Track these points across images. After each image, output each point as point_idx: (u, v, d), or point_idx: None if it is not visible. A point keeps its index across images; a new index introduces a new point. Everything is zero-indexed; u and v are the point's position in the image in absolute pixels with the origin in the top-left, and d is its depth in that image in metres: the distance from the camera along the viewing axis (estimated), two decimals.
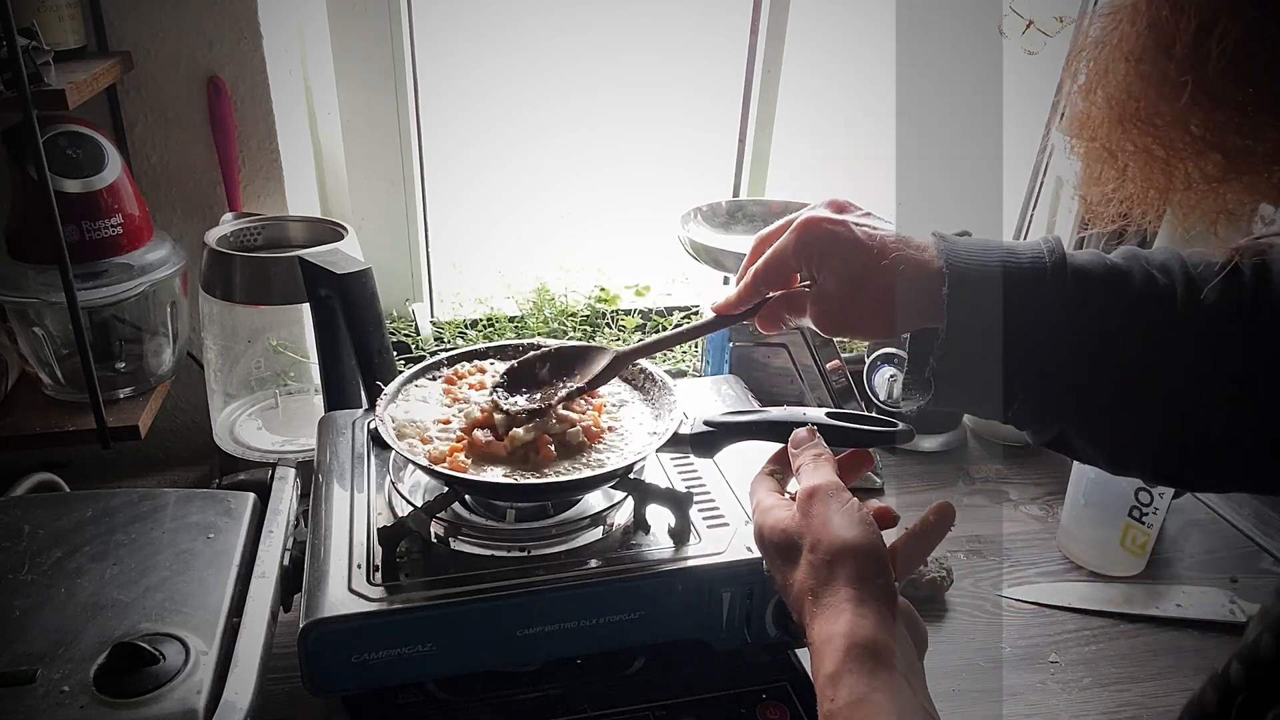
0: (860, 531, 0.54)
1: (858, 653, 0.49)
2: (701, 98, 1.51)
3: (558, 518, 0.79)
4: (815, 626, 0.52)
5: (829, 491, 0.57)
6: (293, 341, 1.17)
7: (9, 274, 1.02)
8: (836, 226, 0.62)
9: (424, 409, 0.80)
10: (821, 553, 0.54)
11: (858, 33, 1.50)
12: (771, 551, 0.60)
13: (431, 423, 0.78)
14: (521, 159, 1.51)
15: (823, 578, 0.53)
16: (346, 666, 0.68)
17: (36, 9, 0.97)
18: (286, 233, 1.15)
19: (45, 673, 0.62)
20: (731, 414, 0.76)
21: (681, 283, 1.53)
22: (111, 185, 1.02)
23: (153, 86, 1.10)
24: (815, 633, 0.52)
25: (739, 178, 1.51)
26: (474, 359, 0.87)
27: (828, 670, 0.50)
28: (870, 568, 0.53)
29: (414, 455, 0.73)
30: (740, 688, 0.80)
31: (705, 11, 1.46)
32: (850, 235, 0.61)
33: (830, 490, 0.58)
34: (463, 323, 1.45)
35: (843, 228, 0.62)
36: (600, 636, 0.73)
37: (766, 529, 0.60)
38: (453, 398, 0.82)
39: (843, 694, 0.48)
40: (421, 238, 1.42)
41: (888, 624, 0.51)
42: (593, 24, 1.45)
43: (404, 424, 0.77)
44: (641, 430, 0.79)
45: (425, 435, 0.76)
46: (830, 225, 0.62)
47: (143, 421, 1.05)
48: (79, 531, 0.76)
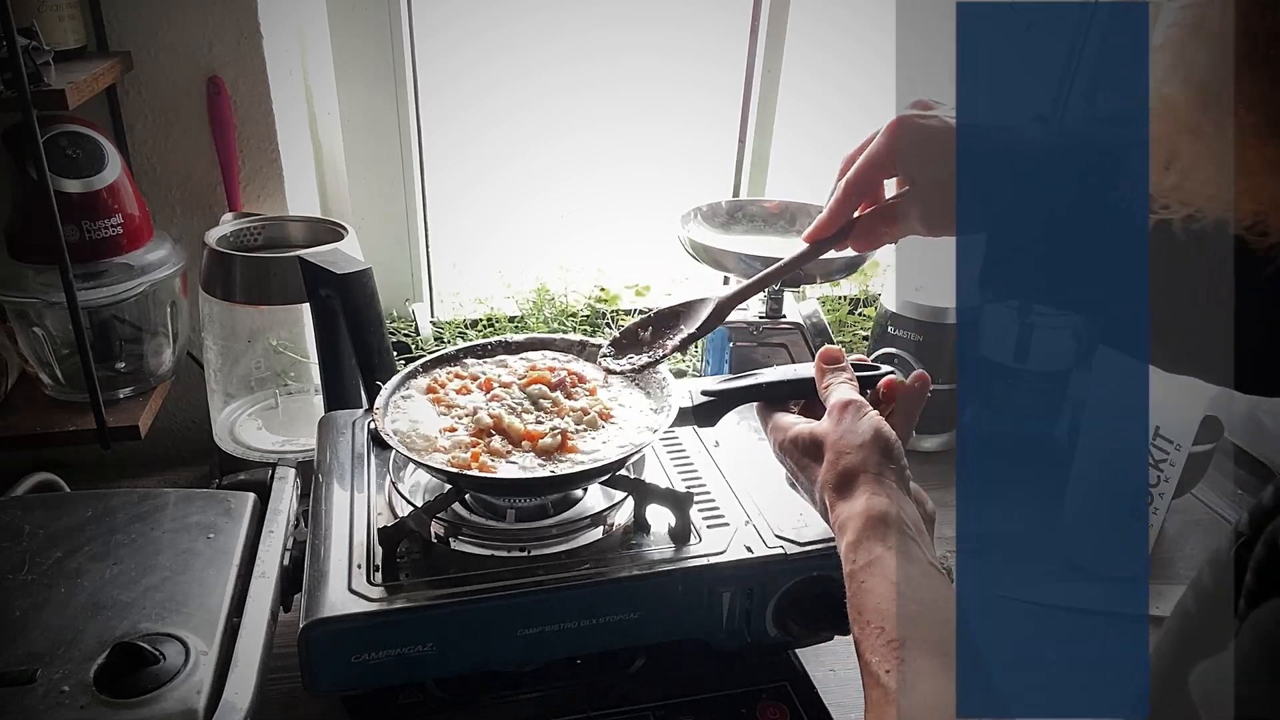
0: (877, 432, 0.62)
1: (873, 523, 0.57)
2: (701, 98, 1.50)
3: (558, 518, 0.79)
4: (839, 508, 0.61)
5: (858, 405, 0.65)
6: (293, 341, 1.17)
7: (9, 274, 1.02)
8: (930, 120, 0.62)
9: (423, 418, 0.78)
10: (844, 449, 0.62)
11: (858, 33, 1.50)
12: (797, 454, 0.67)
13: (439, 432, 0.76)
14: (521, 159, 1.51)
15: (844, 469, 0.61)
16: (346, 666, 0.68)
17: (36, 9, 0.97)
18: (286, 233, 1.15)
19: (45, 673, 0.62)
20: (728, 380, 0.78)
21: (681, 283, 1.53)
22: (111, 185, 1.02)
23: (153, 86, 1.10)
24: (838, 513, 0.60)
25: (739, 178, 1.51)
26: (443, 364, 0.86)
27: (849, 540, 0.58)
28: (884, 455, 0.61)
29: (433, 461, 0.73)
30: (740, 688, 0.80)
31: (705, 11, 1.46)
32: (947, 126, 0.62)
33: (859, 404, 0.65)
34: (463, 323, 1.45)
35: (936, 121, 0.62)
36: (600, 636, 0.73)
37: (790, 437, 0.68)
38: (447, 404, 0.80)
39: (861, 556, 0.56)
40: (421, 238, 1.42)
41: (899, 499, 0.59)
42: (593, 24, 1.44)
43: (409, 435, 0.76)
44: (641, 420, 0.79)
45: (436, 445, 0.75)
46: (924, 120, 0.62)
47: (143, 421, 1.05)
48: (79, 531, 0.76)
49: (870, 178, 0.66)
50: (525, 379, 0.84)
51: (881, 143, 0.64)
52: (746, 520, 0.78)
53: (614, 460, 0.72)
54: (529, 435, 0.76)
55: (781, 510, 0.79)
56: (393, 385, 0.82)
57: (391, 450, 0.75)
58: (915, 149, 0.63)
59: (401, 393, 0.82)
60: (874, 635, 0.53)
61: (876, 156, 0.65)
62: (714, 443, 0.91)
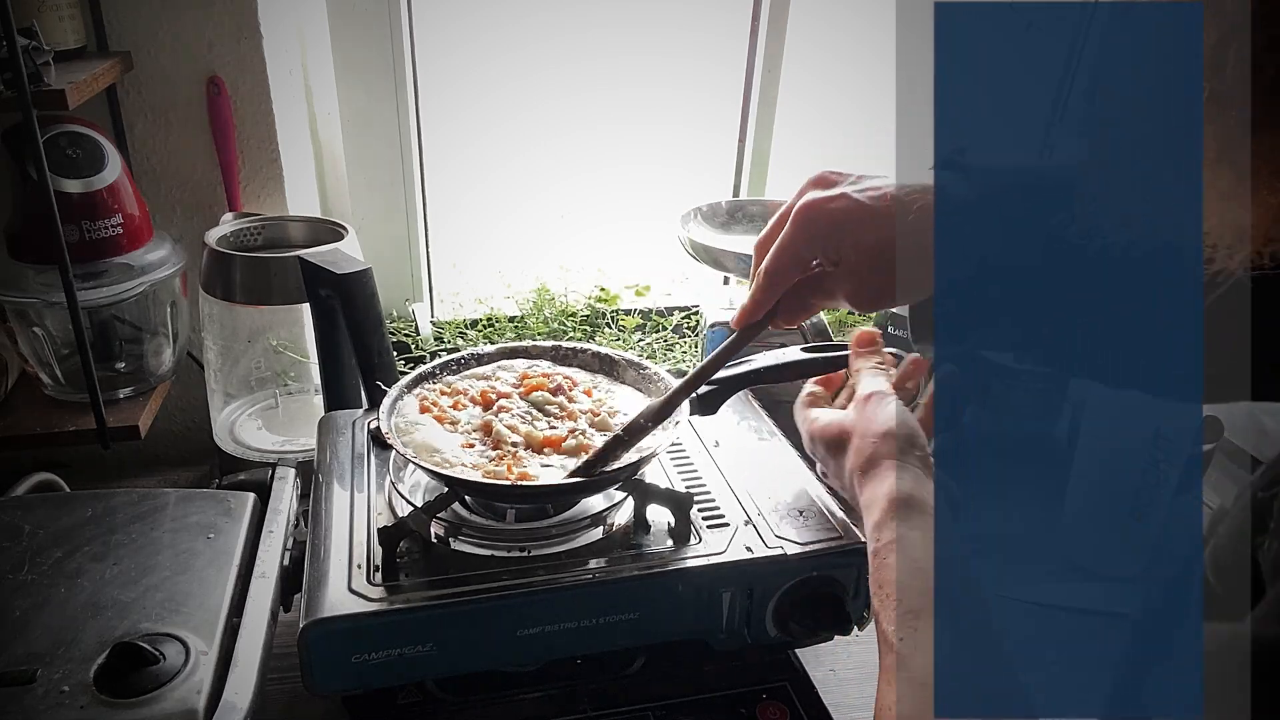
0: (901, 420, 0.63)
1: (898, 505, 0.58)
2: (701, 98, 1.51)
3: (558, 518, 0.79)
4: (864, 492, 0.62)
5: (884, 394, 0.65)
6: (293, 341, 1.17)
7: (9, 274, 1.02)
8: (837, 203, 0.60)
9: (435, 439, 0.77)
10: (870, 438, 0.63)
11: (858, 33, 1.50)
12: (824, 448, 0.68)
13: (461, 448, 0.76)
14: (521, 159, 1.51)
15: (869, 456, 0.62)
16: (346, 666, 0.68)
17: (36, 9, 0.97)
18: (286, 233, 1.15)
19: (45, 673, 0.62)
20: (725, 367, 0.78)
21: (681, 283, 1.53)
22: (111, 185, 1.02)
23: (153, 86, 1.10)
24: (864, 497, 0.61)
25: (739, 178, 1.51)
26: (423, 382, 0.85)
27: (874, 520, 0.59)
28: (907, 443, 0.62)
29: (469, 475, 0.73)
30: (740, 688, 0.80)
31: (705, 11, 1.46)
32: (856, 206, 0.60)
33: (885, 394, 0.66)
34: (463, 323, 1.45)
35: (843, 200, 0.60)
36: (600, 636, 0.73)
37: (818, 430, 0.68)
38: (451, 422, 0.80)
39: (884, 536, 0.57)
40: (421, 238, 1.42)
41: (922, 483, 0.60)
42: (593, 24, 1.45)
43: (422, 449, 0.76)
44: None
45: (464, 461, 0.75)
46: (830, 204, 0.61)
47: (143, 421, 1.05)
48: (79, 531, 0.76)
49: (787, 266, 0.64)
50: (523, 388, 0.84)
51: (790, 233, 0.62)
52: (746, 520, 0.78)
53: (635, 461, 0.73)
54: (549, 441, 0.77)
55: (781, 510, 0.80)
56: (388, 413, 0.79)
57: (391, 450, 0.75)
58: (826, 236, 0.61)
59: (399, 418, 0.80)
60: (891, 606, 0.54)
61: (789, 246, 0.63)
62: (714, 443, 0.91)
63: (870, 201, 0.60)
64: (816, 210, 0.61)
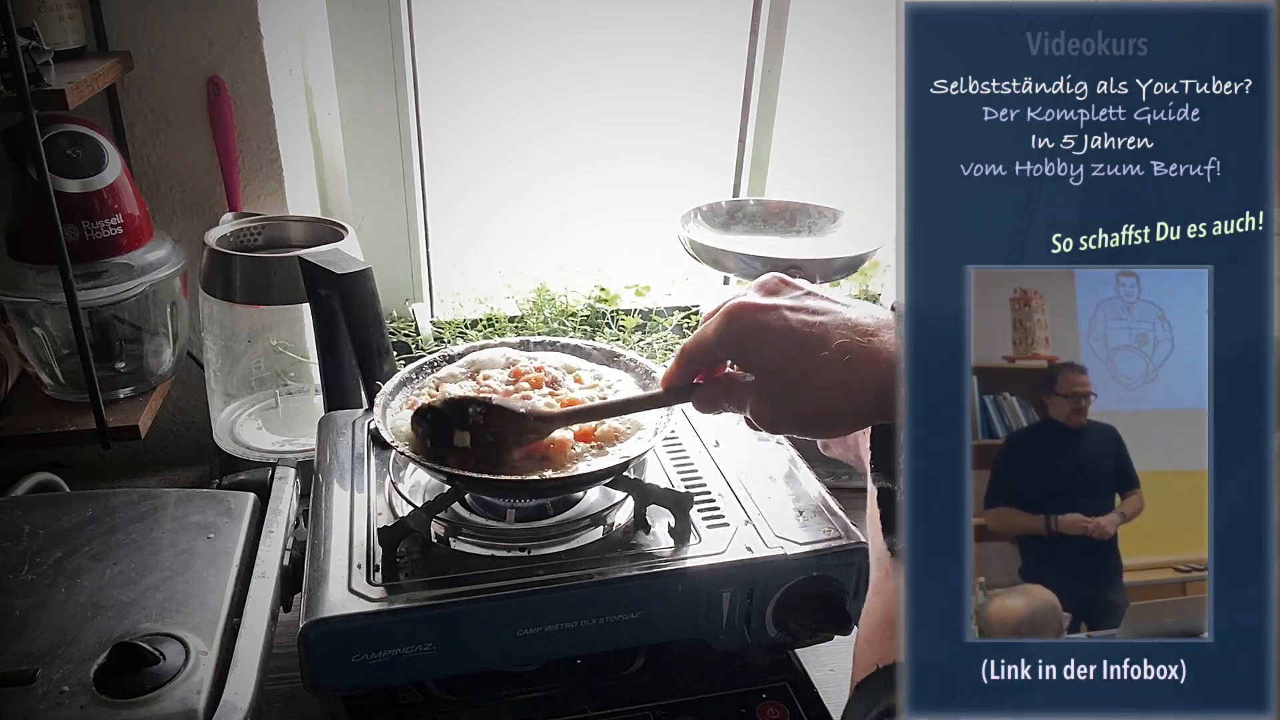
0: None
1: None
2: (701, 98, 1.50)
3: (558, 518, 0.79)
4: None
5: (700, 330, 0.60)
6: (293, 341, 1.17)
7: (9, 274, 1.02)
8: (765, 314, 0.55)
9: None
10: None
11: (858, 33, 1.50)
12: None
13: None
14: (521, 159, 1.51)
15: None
16: (346, 666, 0.68)
17: (36, 9, 0.97)
18: (286, 233, 1.15)
19: (45, 673, 0.62)
20: None
21: (681, 283, 1.53)
22: (111, 185, 1.02)
23: (153, 86, 1.10)
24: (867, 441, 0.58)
25: (739, 178, 1.51)
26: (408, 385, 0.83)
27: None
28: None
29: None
30: (740, 688, 0.80)
31: (705, 11, 1.46)
32: (782, 324, 0.54)
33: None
34: (463, 323, 1.45)
35: (773, 315, 0.55)
36: (600, 636, 0.73)
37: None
38: None
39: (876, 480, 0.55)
40: (421, 238, 1.42)
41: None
42: (593, 24, 1.45)
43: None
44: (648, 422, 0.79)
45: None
46: (758, 313, 0.55)
47: (143, 421, 1.05)
48: (79, 531, 0.76)
49: (699, 358, 0.60)
50: (517, 385, 0.83)
51: (712, 328, 0.57)
52: (746, 520, 0.78)
53: (619, 462, 0.73)
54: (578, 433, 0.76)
55: (782, 510, 0.79)
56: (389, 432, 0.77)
57: (391, 450, 0.75)
58: (740, 344, 0.56)
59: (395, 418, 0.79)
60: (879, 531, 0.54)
61: (704, 340, 0.58)
62: (714, 443, 0.91)
63: (798, 325, 0.54)
64: (740, 314, 0.56)
